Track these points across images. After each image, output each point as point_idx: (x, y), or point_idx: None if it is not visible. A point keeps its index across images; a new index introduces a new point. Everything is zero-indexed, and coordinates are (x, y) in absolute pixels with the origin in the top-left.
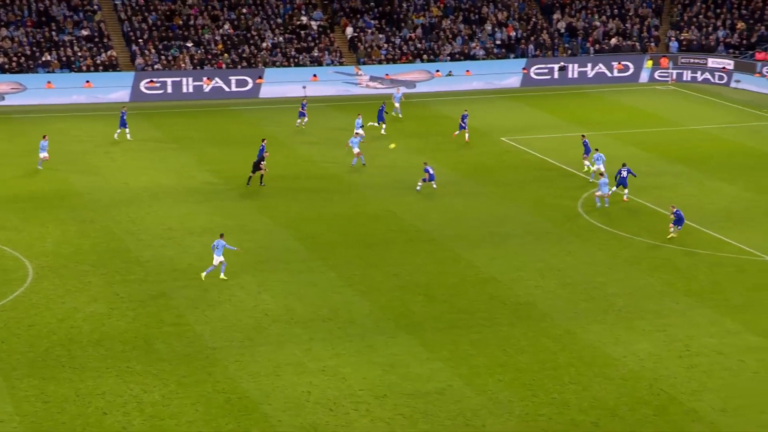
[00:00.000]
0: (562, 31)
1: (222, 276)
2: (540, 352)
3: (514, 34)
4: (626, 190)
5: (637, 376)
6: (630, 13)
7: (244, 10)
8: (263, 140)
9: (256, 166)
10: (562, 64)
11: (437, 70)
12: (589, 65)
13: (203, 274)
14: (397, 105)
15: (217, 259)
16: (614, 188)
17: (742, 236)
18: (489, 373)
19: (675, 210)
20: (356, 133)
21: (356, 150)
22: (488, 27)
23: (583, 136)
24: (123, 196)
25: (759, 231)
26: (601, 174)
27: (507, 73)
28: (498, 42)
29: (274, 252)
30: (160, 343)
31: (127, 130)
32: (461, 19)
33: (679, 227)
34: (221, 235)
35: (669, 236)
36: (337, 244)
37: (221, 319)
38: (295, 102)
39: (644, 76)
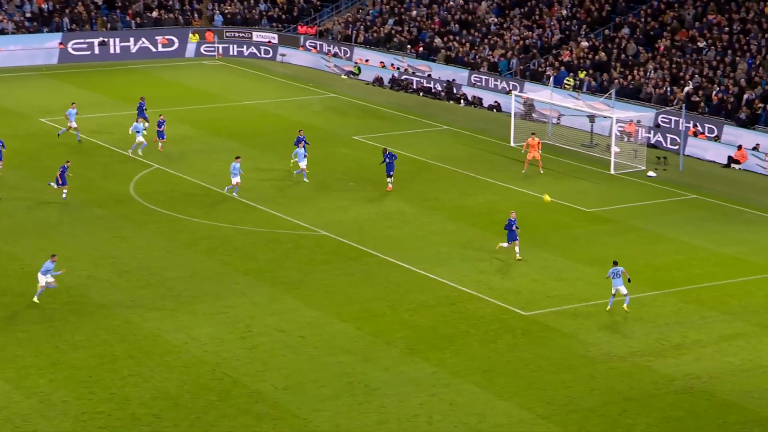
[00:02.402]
0: (99, 3)
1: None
2: (97, 345)
3: (46, 6)
4: (390, 179)
5: (200, 361)
6: None
7: None
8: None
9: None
10: (102, 39)
11: None
12: (132, 39)
13: (36, 299)
14: None
15: (43, 279)
16: (389, 180)
17: (296, 212)
18: (40, 374)
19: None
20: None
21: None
22: None
23: (300, 131)
24: None
25: (311, 206)
26: (236, 158)
27: (41, 49)
28: (28, 15)
29: None
30: None
31: None
32: None
33: (511, 242)
34: (52, 257)
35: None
36: None
37: None
38: None
39: (190, 51)
